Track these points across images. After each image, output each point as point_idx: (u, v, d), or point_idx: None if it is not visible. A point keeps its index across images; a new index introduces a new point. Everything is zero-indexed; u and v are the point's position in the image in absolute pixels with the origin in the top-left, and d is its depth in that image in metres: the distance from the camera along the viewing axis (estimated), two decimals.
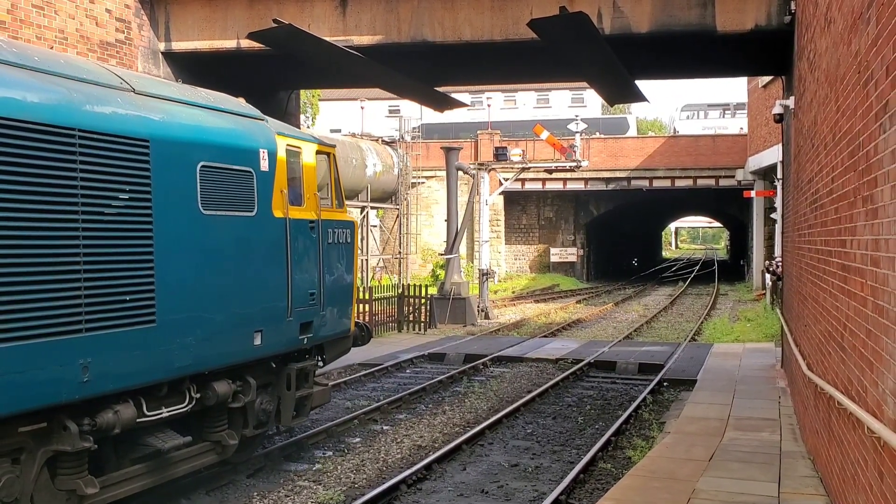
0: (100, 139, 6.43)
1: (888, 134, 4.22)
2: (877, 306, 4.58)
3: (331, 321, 9.70)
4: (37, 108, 5.95)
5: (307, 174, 9.28)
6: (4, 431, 5.85)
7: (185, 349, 7.25)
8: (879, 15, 4.42)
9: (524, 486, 8.93)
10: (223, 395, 7.90)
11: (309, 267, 9.15)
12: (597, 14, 13.57)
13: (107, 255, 6.46)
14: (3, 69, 5.90)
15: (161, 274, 6.96)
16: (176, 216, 7.16)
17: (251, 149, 8.25)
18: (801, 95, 11.04)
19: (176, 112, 7.46)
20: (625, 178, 40.03)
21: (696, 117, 56.41)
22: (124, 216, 6.66)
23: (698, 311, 29.57)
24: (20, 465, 6.12)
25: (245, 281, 8.06)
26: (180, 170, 7.26)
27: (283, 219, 8.63)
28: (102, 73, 7.11)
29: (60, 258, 6.05)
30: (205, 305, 7.51)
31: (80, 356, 6.18)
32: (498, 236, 41.49)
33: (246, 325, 8.11)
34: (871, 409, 4.79)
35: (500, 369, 16.66)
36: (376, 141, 29.50)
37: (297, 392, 9.25)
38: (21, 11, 11.86)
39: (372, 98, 48.77)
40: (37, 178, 5.88)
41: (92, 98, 6.53)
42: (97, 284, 6.34)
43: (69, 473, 6.47)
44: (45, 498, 6.33)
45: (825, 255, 7.29)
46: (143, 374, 6.86)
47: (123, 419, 6.64)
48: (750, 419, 10.89)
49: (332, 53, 13.39)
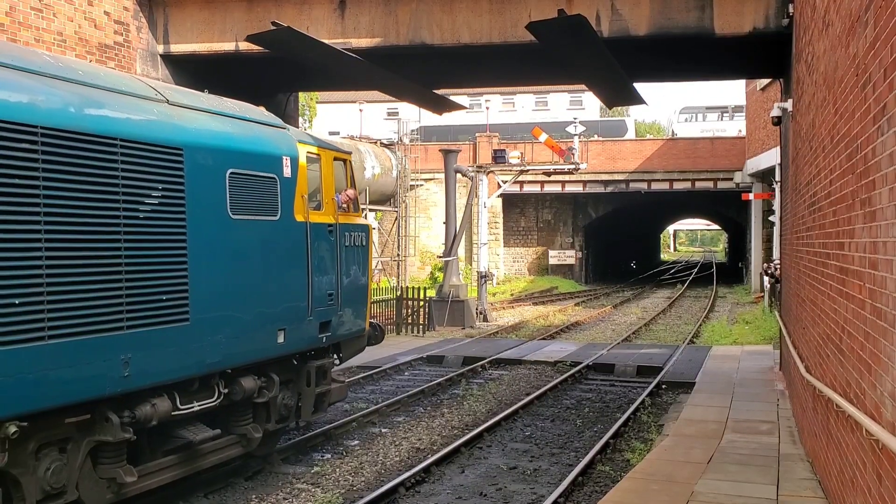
0: (139, 148, 6.84)
1: (886, 137, 4.22)
2: (875, 309, 4.58)
3: (347, 321, 10.14)
4: (84, 119, 6.33)
5: (326, 180, 9.70)
6: (53, 422, 6.23)
7: (216, 346, 7.66)
8: (877, 18, 4.42)
9: (523, 489, 8.92)
10: (249, 391, 8.32)
11: (328, 269, 9.59)
12: (595, 17, 13.58)
13: (145, 256, 6.87)
14: (52, 82, 6.29)
15: (194, 275, 7.36)
16: (207, 220, 7.57)
17: (275, 156, 8.67)
18: (799, 98, 11.06)
19: (206, 121, 7.88)
20: (623, 181, 40.06)
21: (695, 120, 56.44)
22: (161, 220, 7.07)
23: (697, 314, 29.58)
24: (66, 454, 6.51)
25: (269, 282, 8.47)
26: (211, 176, 7.68)
27: (304, 223, 9.07)
28: (139, 84, 7.51)
29: (106, 259, 6.46)
30: (233, 305, 7.93)
31: (122, 352, 6.60)
32: (496, 239, 41.50)
33: (270, 324, 8.51)
34: (869, 411, 4.79)
35: (499, 372, 16.66)
36: (375, 143, 29.49)
37: (316, 388, 9.66)
38: (20, 14, 11.86)
39: (370, 100, 48.80)
40: (85, 185, 6.28)
41: (131, 109, 6.93)
42: (137, 284, 6.75)
43: (110, 462, 6.89)
44: (88, 485, 6.73)
45: (823, 257, 7.30)
46: (178, 370, 7.26)
47: (160, 412, 7.07)
48: (748, 422, 10.89)
49: (331, 56, 13.39)
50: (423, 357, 17.81)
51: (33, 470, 6.21)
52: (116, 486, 6.95)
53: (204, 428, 7.90)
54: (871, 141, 4.67)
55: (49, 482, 6.32)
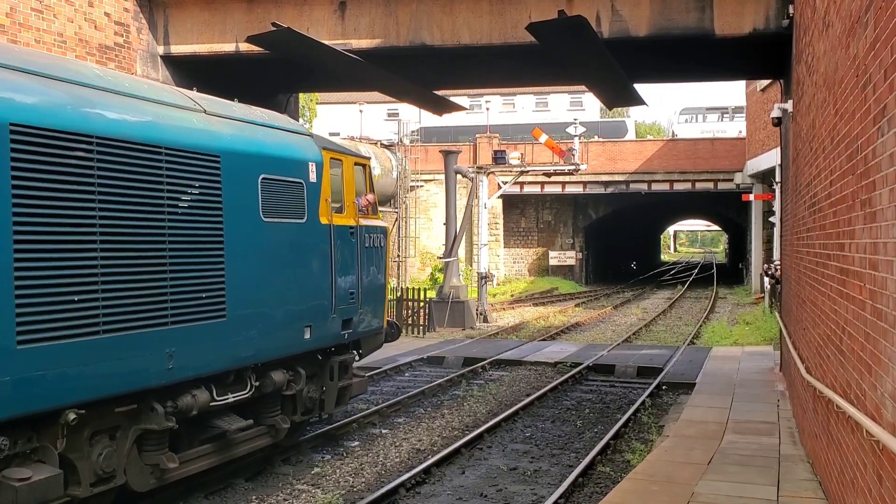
0: (181, 155, 7.34)
1: (886, 138, 4.22)
2: (875, 310, 4.58)
3: (367, 318, 10.68)
4: (133, 129, 6.87)
5: (347, 184, 10.22)
6: (105, 411, 6.71)
7: (249, 341, 8.19)
8: (877, 18, 4.42)
9: (523, 490, 8.92)
10: (279, 384, 8.85)
11: (349, 269, 10.15)
12: (595, 18, 13.59)
13: (187, 256, 7.37)
14: (103, 95, 6.80)
15: (230, 274, 7.88)
16: (242, 223, 8.10)
17: (302, 162, 9.21)
18: (799, 99, 11.06)
19: (240, 130, 8.41)
20: (623, 182, 40.05)
21: (695, 121, 56.41)
22: (201, 223, 7.58)
23: (697, 315, 29.57)
24: (116, 441, 7.00)
25: (297, 281, 9.01)
26: (245, 181, 8.20)
27: (328, 225, 9.60)
28: (178, 96, 8.02)
29: (152, 259, 6.98)
30: (265, 303, 8.44)
31: (167, 346, 7.11)
32: (497, 239, 41.49)
33: (298, 321, 9.04)
34: (869, 412, 4.79)
35: (499, 373, 16.65)
36: (375, 144, 29.48)
37: (338, 382, 10.18)
38: (20, 15, 11.86)
39: (370, 101, 48.78)
40: (135, 190, 6.80)
41: (173, 119, 7.45)
42: (180, 283, 7.25)
43: (154, 450, 7.37)
44: (135, 471, 7.24)
45: (824, 258, 7.29)
46: (215, 363, 7.79)
47: (199, 402, 7.58)
48: (749, 422, 10.88)
49: (331, 57, 13.39)
50: (423, 358, 17.81)
51: (87, 455, 6.67)
52: (159, 472, 7.44)
53: (238, 418, 8.38)
54: (871, 142, 4.67)
55: (101, 466, 6.78)
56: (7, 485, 5.79)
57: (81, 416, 6.34)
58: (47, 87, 6.28)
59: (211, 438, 8.26)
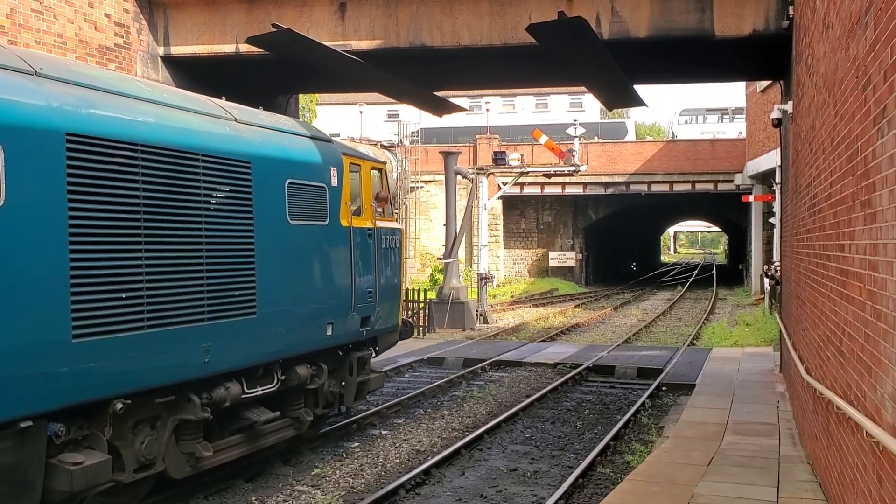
0: (217, 161, 7.82)
1: (886, 139, 4.22)
2: (875, 311, 4.58)
3: (384, 316, 11.19)
4: (173, 137, 7.33)
5: (365, 187, 10.72)
6: (146, 401, 7.14)
7: (277, 337, 8.66)
8: (877, 20, 4.42)
9: (523, 491, 8.92)
10: (303, 378, 9.31)
11: (367, 269, 10.64)
12: (595, 19, 13.59)
13: (221, 256, 7.85)
14: (146, 105, 7.30)
15: (260, 273, 8.35)
16: (270, 225, 8.57)
17: (324, 167, 9.70)
18: (799, 100, 11.06)
19: (268, 137, 8.89)
20: (623, 183, 40.05)
21: (695, 122, 56.40)
22: (234, 224, 8.06)
23: (697, 316, 29.57)
24: (156, 431, 7.43)
25: (320, 280, 9.55)
26: (273, 186, 8.68)
27: (348, 227, 10.10)
28: (211, 105, 8.51)
29: (191, 258, 7.44)
30: (291, 300, 8.91)
31: (203, 340, 7.56)
32: (497, 240, 41.48)
33: (321, 318, 9.53)
34: (869, 413, 4.79)
35: (499, 374, 16.65)
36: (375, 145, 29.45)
37: (357, 377, 10.61)
38: (20, 16, 11.86)
39: (371, 102, 48.78)
40: (176, 193, 7.27)
41: (208, 127, 7.95)
42: (215, 280, 7.73)
43: (189, 439, 7.82)
44: (172, 458, 7.68)
45: (823, 259, 7.29)
46: (247, 358, 8.26)
47: (232, 394, 8.04)
48: (749, 424, 10.88)
49: (331, 58, 13.38)
50: (423, 359, 17.80)
51: (131, 443, 7.12)
52: (194, 460, 7.90)
53: (266, 410, 8.85)
54: (871, 143, 4.67)
55: (143, 454, 7.24)
56: (63, 468, 6.21)
57: (127, 406, 6.79)
58: (96, 98, 6.73)
59: (240, 429, 8.72)
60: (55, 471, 6.20)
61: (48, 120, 6.13)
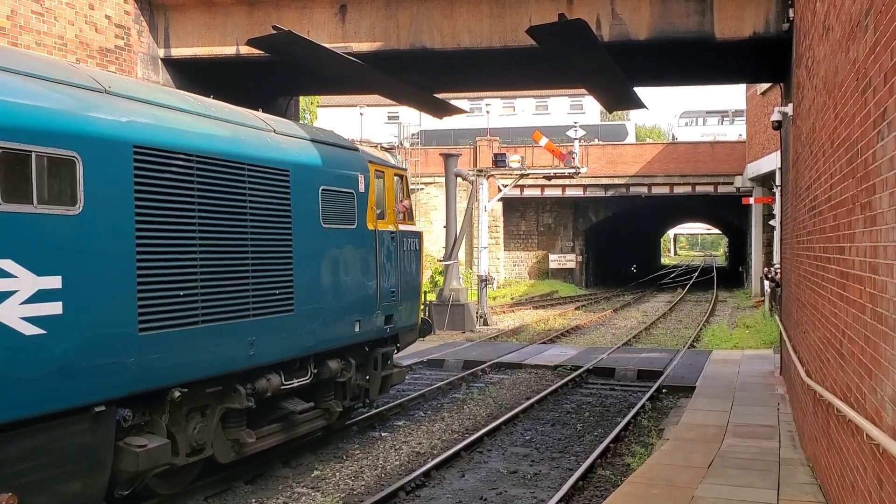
0: (260, 169, 8.48)
1: (886, 141, 4.22)
2: (875, 313, 4.58)
3: (405, 314, 11.91)
4: (223, 147, 7.98)
5: (388, 193, 11.39)
6: (198, 391, 7.74)
7: (312, 333, 9.35)
8: (877, 23, 4.43)
9: (523, 493, 8.91)
10: (334, 371, 9.97)
11: (390, 270, 11.32)
12: (595, 21, 13.59)
13: (264, 256, 8.50)
14: (199, 119, 7.94)
15: (297, 273, 9.02)
16: (306, 228, 9.25)
17: (353, 174, 10.42)
18: (799, 102, 11.06)
19: (303, 147, 9.59)
20: (623, 185, 40.05)
21: (695, 124, 56.39)
22: (275, 227, 8.71)
23: (697, 318, 29.56)
24: (206, 418, 8.04)
25: (349, 280, 10.21)
26: (309, 192, 9.37)
27: (374, 231, 10.79)
28: (253, 118, 9.15)
29: (239, 258, 8.10)
30: (324, 299, 9.61)
31: (249, 335, 8.22)
32: (497, 242, 41.47)
33: (349, 315, 10.22)
34: (869, 415, 4.79)
35: (499, 376, 16.64)
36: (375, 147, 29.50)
37: (381, 372, 11.27)
38: (21, 18, 11.87)
39: (371, 104, 48.80)
40: (225, 199, 7.94)
41: (252, 138, 8.61)
42: (259, 279, 8.38)
43: (234, 426, 8.47)
44: (219, 444, 8.31)
45: (824, 261, 7.29)
46: (285, 352, 8.93)
47: (273, 385, 8.72)
48: (749, 426, 10.88)
49: (332, 60, 13.38)
50: (423, 361, 17.80)
51: (184, 429, 7.73)
52: (238, 446, 8.56)
53: (301, 401, 9.54)
54: (871, 145, 4.68)
55: (195, 439, 7.86)
56: (129, 450, 6.87)
57: (183, 395, 7.41)
58: (157, 112, 7.41)
59: (278, 419, 9.34)
60: (122, 452, 6.84)
61: (118, 133, 6.77)
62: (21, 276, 5.83)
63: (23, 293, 5.84)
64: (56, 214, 6.14)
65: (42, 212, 6.02)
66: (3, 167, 5.76)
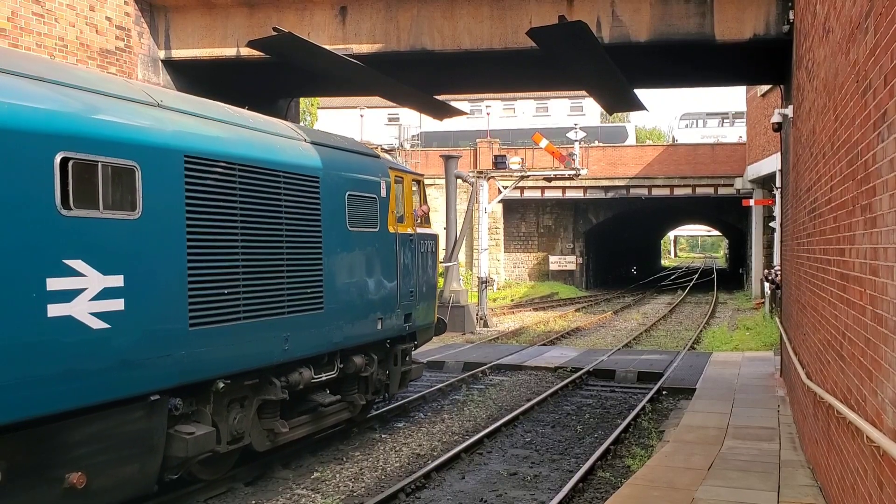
0: (294, 176, 9.03)
1: (886, 143, 4.22)
2: (876, 315, 4.58)
3: (422, 313, 12.55)
4: (261, 156, 8.55)
5: (407, 198, 12.00)
6: (238, 383, 8.29)
7: (339, 329, 9.91)
8: (877, 25, 4.43)
9: (523, 495, 8.90)
10: (358, 366, 10.48)
11: (409, 270, 11.90)
12: (596, 23, 13.60)
13: (298, 256, 9.04)
14: (240, 130, 8.52)
15: (326, 273, 9.60)
16: (334, 231, 9.82)
17: (375, 180, 10.95)
18: (799, 104, 11.06)
19: (331, 154, 10.14)
20: (624, 187, 40.04)
21: (695, 126, 56.38)
22: (306, 231, 9.26)
23: (697, 320, 29.56)
24: (244, 409, 8.57)
25: (372, 280, 10.78)
26: (337, 198, 9.93)
27: (394, 233, 11.39)
28: (285, 127, 9.76)
29: (275, 259, 8.62)
30: (350, 298, 10.19)
31: (284, 331, 8.78)
32: (497, 244, 41.47)
33: (373, 313, 10.78)
34: (870, 418, 4.78)
35: (499, 377, 16.64)
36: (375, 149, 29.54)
37: (401, 367, 11.92)
38: (21, 19, 11.88)
39: (371, 106, 48.81)
40: (264, 205, 8.48)
41: (286, 147, 9.20)
42: (293, 279, 8.92)
43: (269, 417, 9.03)
44: (256, 434, 8.87)
45: (824, 263, 7.29)
46: (315, 347, 9.48)
47: (304, 378, 9.28)
48: (749, 428, 10.87)
49: (332, 62, 13.40)
50: (423, 362, 17.75)
51: (226, 418, 8.25)
52: (273, 436, 9.12)
53: (328, 394, 10.11)
54: (871, 147, 4.68)
55: (235, 428, 8.38)
56: (179, 437, 7.41)
57: (226, 386, 7.95)
58: (203, 124, 7.99)
59: (307, 410, 9.89)
60: (173, 439, 7.38)
61: (171, 143, 7.32)
62: (89, 275, 6.36)
63: (91, 291, 6.37)
64: (118, 219, 6.70)
65: (107, 216, 6.58)
66: (74, 176, 6.27)
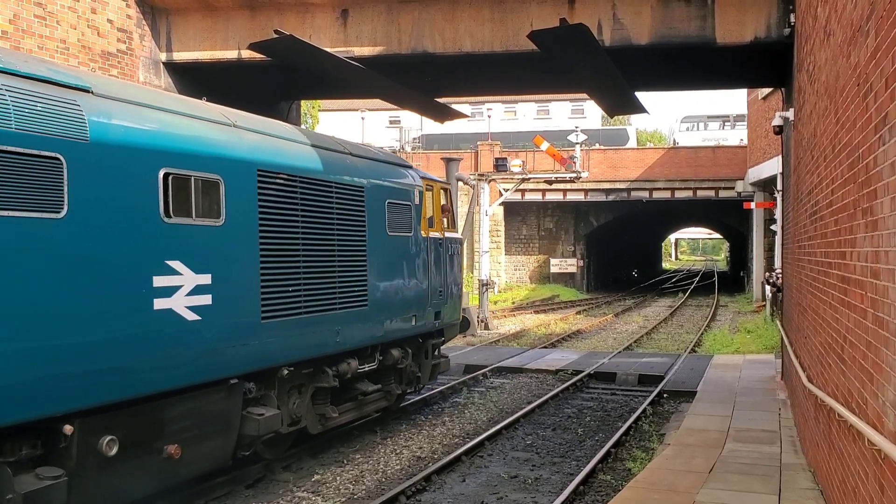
0: (343, 187, 10.00)
1: (887, 146, 4.22)
2: (877, 318, 4.58)
3: (450, 311, 13.55)
4: (318, 168, 9.53)
5: (436, 205, 12.98)
6: (297, 371, 9.19)
7: (380, 324, 10.86)
8: (878, 28, 4.43)
9: (524, 498, 8.90)
10: (396, 359, 11.47)
11: (438, 271, 12.86)
12: (597, 26, 13.61)
13: (346, 258, 10.01)
14: (299, 146, 9.46)
15: (370, 273, 10.51)
16: (376, 236, 10.75)
17: (410, 189, 11.96)
18: (800, 107, 11.07)
19: (373, 166, 11.10)
20: (625, 190, 40.04)
21: (696, 129, 56.45)
22: (354, 235, 10.20)
23: (698, 323, 29.53)
24: (301, 395, 9.50)
25: (407, 280, 11.70)
26: (378, 206, 10.89)
27: (426, 237, 12.39)
28: (333, 142, 10.62)
29: (329, 260, 9.61)
30: (389, 296, 11.12)
31: (336, 325, 9.73)
32: (498, 247, 41.48)
33: (408, 311, 11.74)
34: (871, 421, 4.78)
35: (500, 380, 16.63)
36: None
37: (431, 361, 12.92)
38: (23, 22, 11.89)
39: (372, 109, 48.86)
40: (320, 212, 9.44)
41: (335, 160, 10.11)
42: (343, 278, 9.88)
43: (321, 403, 9.96)
44: (310, 418, 9.80)
45: (825, 266, 7.29)
46: (361, 340, 10.44)
47: (352, 368, 10.22)
48: (750, 431, 10.86)
49: (333, 64, 13.41)
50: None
51: (287, 403, 9.16)
52: (324, 420, 10.07)
53: (370, 384, 11.01)
54: (872, 150, 4.68)
55: (294, 412, 9.30)
56: (252, 418, 8.31)
57: (289, 373, 8.88)
58: (270, 141, 8.91)
59: (350, 398, 10.72)
60: (246, 419, 8.29)
61: (247, 158, 8.30)
62: (185, 274, 7.35)
63: (186, 287, 7.35)
64: (206, 225, 7.68)
65: (198, 223, 7.57)
66: (173, 188, 7.22)
